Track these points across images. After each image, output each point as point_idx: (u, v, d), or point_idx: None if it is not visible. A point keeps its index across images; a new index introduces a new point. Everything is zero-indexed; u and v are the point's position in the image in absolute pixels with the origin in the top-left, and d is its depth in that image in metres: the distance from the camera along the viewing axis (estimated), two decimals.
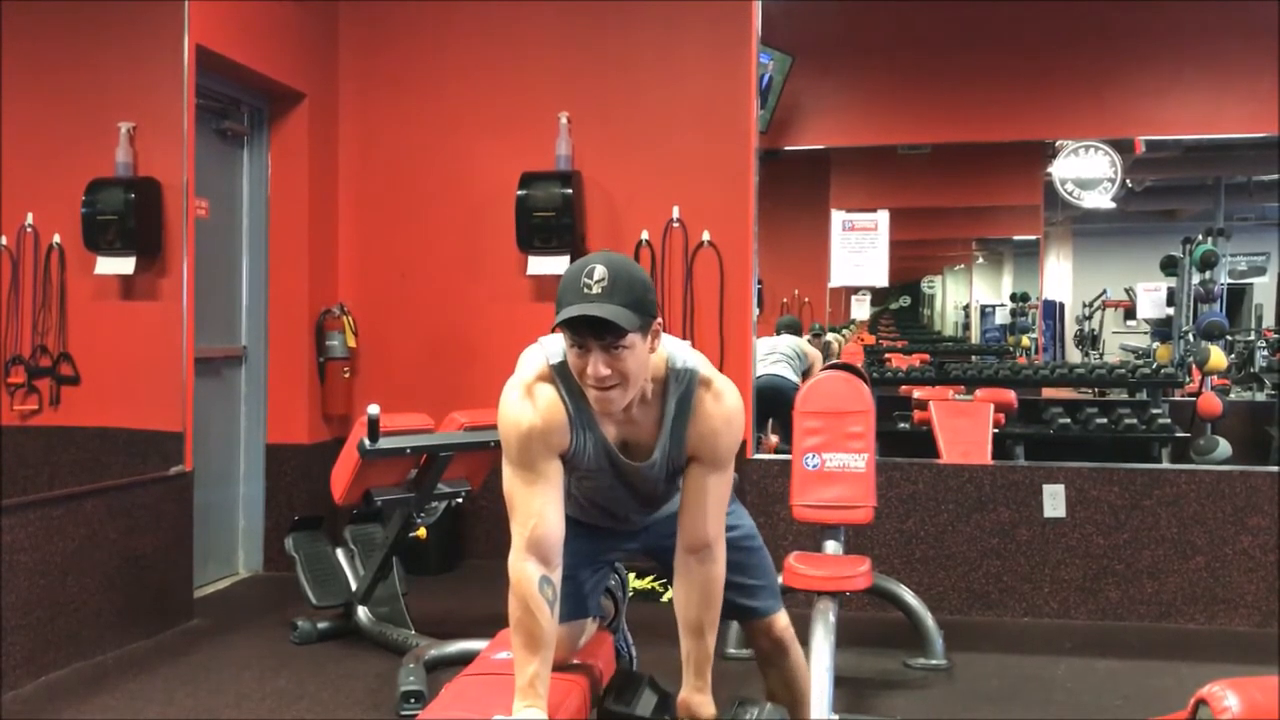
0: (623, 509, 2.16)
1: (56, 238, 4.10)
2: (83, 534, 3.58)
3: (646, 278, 1.89)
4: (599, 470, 2.02)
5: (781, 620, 2.32)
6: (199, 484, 4.23)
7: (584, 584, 2.19)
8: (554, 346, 1.94)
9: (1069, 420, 5.19)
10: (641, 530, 2.26)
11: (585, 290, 1.79)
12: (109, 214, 4.13)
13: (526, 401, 1.92)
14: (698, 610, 2.04)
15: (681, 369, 1.96)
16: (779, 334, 5.34)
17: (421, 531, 3.78)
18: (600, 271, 1.80)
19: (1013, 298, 5.95)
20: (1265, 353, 5.54)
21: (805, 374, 5.06)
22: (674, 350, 1.98)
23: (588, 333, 1.80)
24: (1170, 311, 5.47)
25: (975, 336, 6.13)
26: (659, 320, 1.89)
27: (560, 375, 1.92)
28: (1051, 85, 4.96)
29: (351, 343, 5.05)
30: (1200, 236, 5.27)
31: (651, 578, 4.34)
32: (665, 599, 4.10)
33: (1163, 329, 5.59)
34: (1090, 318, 5.80)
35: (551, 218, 4.74)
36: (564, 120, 4.84)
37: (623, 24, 4.93)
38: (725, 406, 1.99)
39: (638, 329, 1.81)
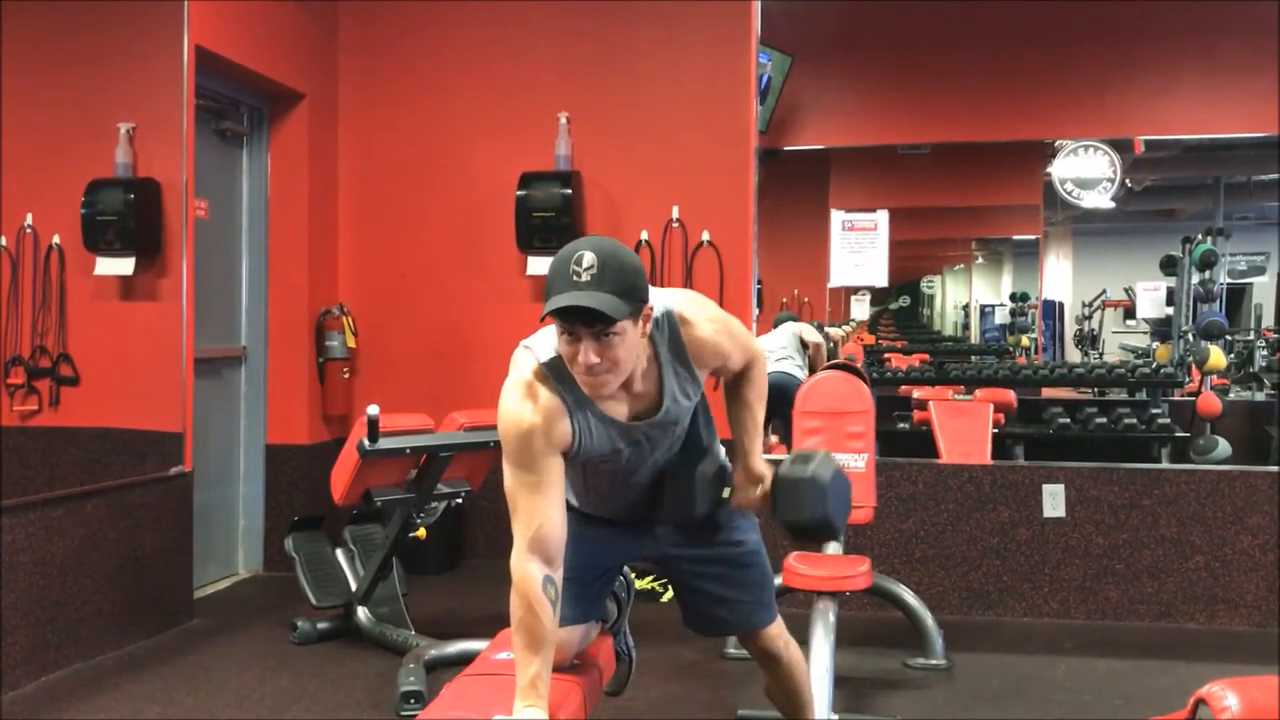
0: (641, 487, 2.13)
1: (56, 238, 4.10)
2: (83, 534, 3.58)
3: (637, 262, 1.86)
4: (613, 453, 2.01)
5: (771, 631, 2.30)
6: (199, 484, 4.23)
7: (590, 588, 2.18)
8: (541, 346, 1.93)
9: (1069, 420, 5.19)
10: (652, 538, 2.24)
11: (575, 278, 1.77)
12: (109, 214, 4.12)
13: (525, 401, 1.91)
14: (744, 387, 2.19)
15: (661, 320, 1.95)
16: (776, 326, 5.33)
17: (421, 531, 3.78)
18: (589, 258, 1.78)
19: (1012, 297, 5.95)
20: (1265, 352, 5.54)
21: (809, 362, 5.04)
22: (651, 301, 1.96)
23: (577, 321, 1.79)
24: (1170, 311, 5.47)
25: (975, 336, 6.13)
26: (650, 305, 1.87)
27: (552, 371, 1.92)
28: (1051, 85, 4.96)
29: (351, 343, 5.05)
30: (1200, 236, 5.27)
31: (651, 578, 4.34)
32: (665, 599, 4.10)
33: (1162, 329, 5.59)
34: (1090, 317, 5.80)
35: (551, 218, 4.74)
36: (564, 120, 4.84)
37: (623, 24, 4.93)
38: (706, 326, 2.01)
39: (628, 316, 1.79)
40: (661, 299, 1.98)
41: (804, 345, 5.17)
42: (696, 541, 2.23)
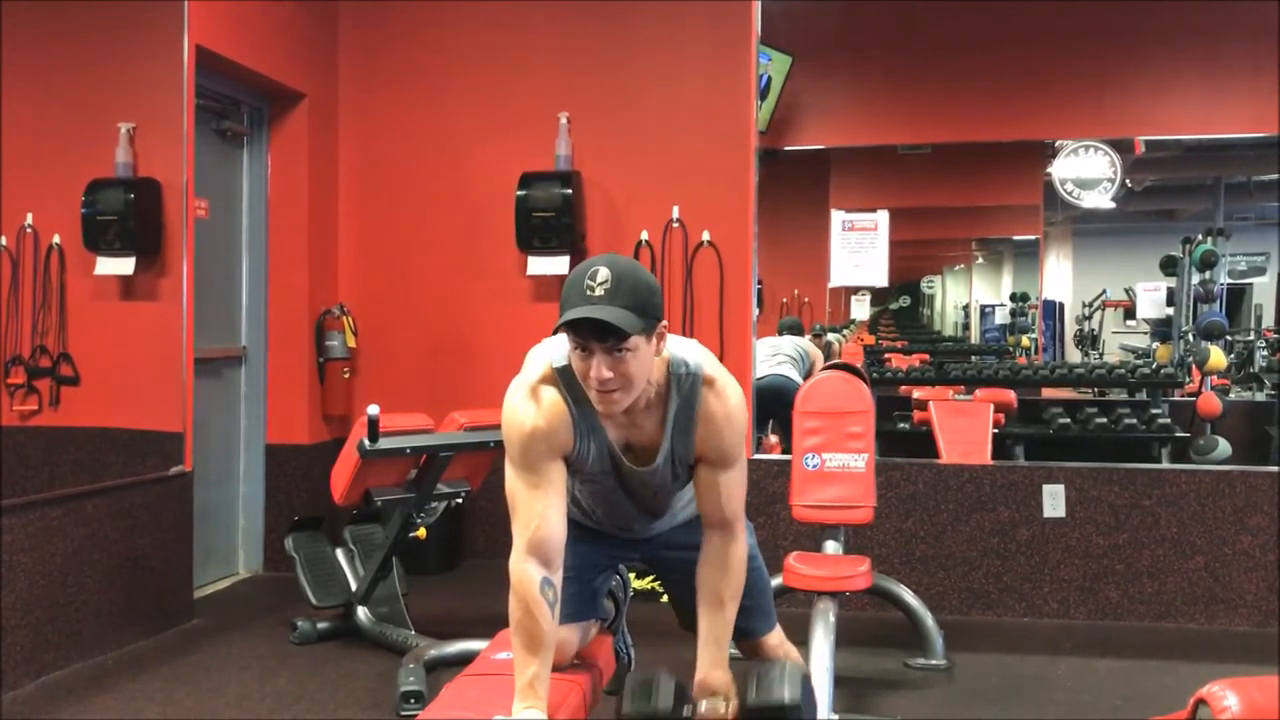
0: (625, 514, 2.15)
1: (56, 238, 4.10)
2: (83, 534, 3.58)
3: (652, 280, 1.86)
4: (602, 474, 2.02)
5: (771, 640, 2.30)
6: (199, 484, 4.23)
7: (587, 587, 2.19)
8: (559, 349, 1.93)
9: (1069, 420, 5.20)
10: (644, 541, 2.25)
11: (588, 292, 1.78)
12: (109, 214, 4.12)
13: (530, 403, 1.91)
14: (718, 581, 2.02)
15: (685, 372, 1.95)
16: (781, 335, 5.34)
17: (421, 531, 3.78)
18: (604, 274, 1.79)
19: (1012, 298, 5.96)
20: (1265, 352, 5.54)
21: (808, 374, 5.06)
22: (677, 349, 1.96)
23: (590, 335, 1.78)
24: (1170, 311, 5.47)
25: (975, 336, 6.13)
26: (664, 323, 1.87)
27: (564, 378, 1.91)
28: (1051, 85, 4.97)
29: (351, 343, 5.05)
30: (1200, 236, 5.27)
31: (651, 577, 4.34)
32: (665, 599, 4.10)
33: (1162, 329, 5.59)
34: (1090, 318, 5.80)
35: (551, 218, 4.74)
36: (564, 120, 4.84)
37: (623, 24, 4.92)
38: (727, 404, 1.98)
39: (641, 331, 1.79)
40: (698, 355, 1.98)
41: (807, 357, 5.21)
42: (688, 545, 2.23)
